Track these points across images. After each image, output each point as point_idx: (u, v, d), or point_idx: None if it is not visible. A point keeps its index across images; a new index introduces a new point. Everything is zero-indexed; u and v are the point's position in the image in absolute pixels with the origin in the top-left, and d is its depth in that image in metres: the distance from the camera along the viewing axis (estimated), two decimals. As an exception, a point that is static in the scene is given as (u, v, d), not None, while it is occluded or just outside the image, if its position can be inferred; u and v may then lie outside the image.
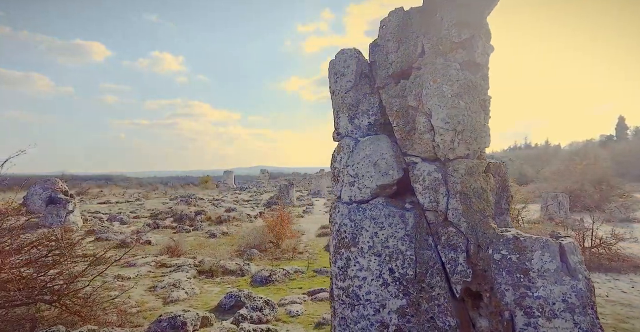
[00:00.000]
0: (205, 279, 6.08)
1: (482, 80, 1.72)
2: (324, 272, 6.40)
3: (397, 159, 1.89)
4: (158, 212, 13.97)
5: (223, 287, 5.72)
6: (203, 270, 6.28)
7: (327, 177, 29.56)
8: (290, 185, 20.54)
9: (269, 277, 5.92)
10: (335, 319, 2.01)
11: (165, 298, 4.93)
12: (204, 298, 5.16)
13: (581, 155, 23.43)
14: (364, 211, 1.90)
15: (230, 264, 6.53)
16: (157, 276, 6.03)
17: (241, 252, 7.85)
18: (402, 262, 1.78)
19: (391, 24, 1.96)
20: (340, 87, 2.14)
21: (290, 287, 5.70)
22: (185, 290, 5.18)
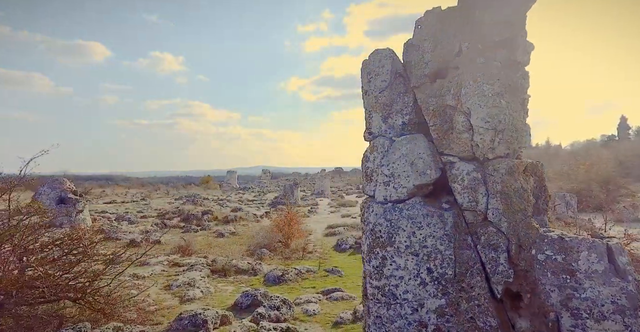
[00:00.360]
0: (219, 278, 6.08)
1: (523, 79, 1.71)
2: (335, 271, 6.39)
3: (434, 158, 1.88)
4: (165, 212, 14.00)
5: (237, 286, 5.72)
6: (216, 269, 6.28)
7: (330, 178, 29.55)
8: (294, 185, 20.53)
9: (282, 277, 5.92)
10: (369, 317, 2.00)
11: (181, 297, 4.94)
12: (219, 297, 5.16)
13: (584, 155, 23.35)
14: (400, 211, 1.89)
15: (242, 264, 6.53)
16: (171, 275, 6.03)
17: (252, 251, 7.85)
18: (440, 261, 1.76)
19: (427, 24, 1.94)
20: (374, 86, 2.13)
21: (304, 287, 5.70)
22: (200, 289, 5.18)
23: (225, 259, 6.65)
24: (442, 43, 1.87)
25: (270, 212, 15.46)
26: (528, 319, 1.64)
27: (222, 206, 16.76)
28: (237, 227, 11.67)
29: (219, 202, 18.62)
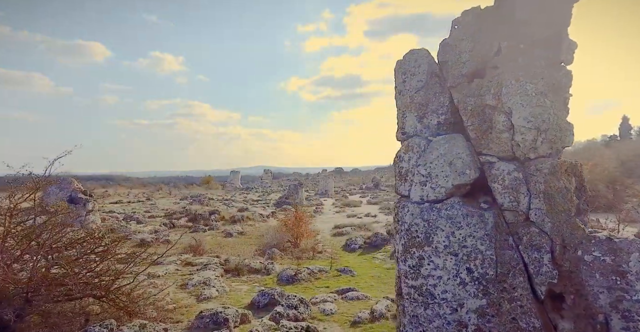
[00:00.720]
0: (232, 277, 6.07)
1: (566, 78, 1.69)
2: (347, 271, 6.37)
3: (473, 158, 1.86)
4: (172, 212, 14.02)
5: (251, 286, 5.71)
6: (229, 269, 6.27)
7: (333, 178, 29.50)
8: (299, 185, 20.53)
9: (295, 276, 5.90)
10: (404, 316, 1.98)
11: (197, 295, 4.93)
12: (234, 296, 5.15)
13: (586, 155, 23.16)
14: (438, 211, 1.87)
15: (255, 263, 6.52)
16: (185, 274, 6.03)
17: (262, 251, 7.83)
18: (481, 262, 1.74)
19: (464, 24, 1.93)
20: (410, 86, 2.11)
21: (317, 286, 5.68)
22: (215, 288, 5.17)
23: (238, 259, 6.65)
24: (481, 42, 1.85)
25: (277, 212, 15.46)
26: (572, 320, 1.62)
27: (228, 206, 16.77)
28: (245, 227, 11.67)
29: (224, 202, 18.63)
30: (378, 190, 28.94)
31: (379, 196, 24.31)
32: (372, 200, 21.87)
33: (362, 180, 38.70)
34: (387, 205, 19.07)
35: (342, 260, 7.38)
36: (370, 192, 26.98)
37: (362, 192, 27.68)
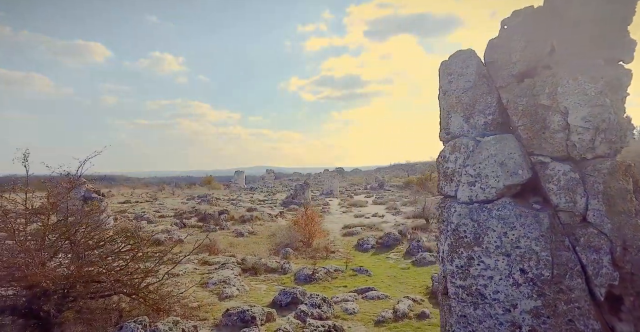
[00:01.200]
0: (250, 276, 6.06)
1: (626, 77, 1.66)
2: (363, 271, 6.34)
3: (525, 158, 1.84)
4: (182, 212, 14.04)
5: (269, 285, 5.70)
6: (246, 268, 6.27)
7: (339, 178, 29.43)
8: (305, 185, 20.51)
9: (312, 276, 5.89)
10: (451, 316, 1.96)
11: (219, 294, 4.93)
12: (254, 295, 5.14)
13: None
14: (489, 211, 1.85)
15: (271, 262, 6.52)
16: (203, 273, 6.03)
17: (277, 250, 7.82)
18: (536, 262, 1.72)
19: (515, 24, 1.91)
20: (457, 87, 2.09)
21: (335, 286, 5.66)
22: (236, 287, 5.17)
23: (254, 258, 6.64)
24: (533, 42, 1.83)
25: (285, 212, 15.45)
26: (631, 323, 1.59)
27: (236, 206, 16.79)
28: (254, 227, 11.67)
29: (232, 202, 18.65)
30: (383, 190, 28.86)
31: (384, 196, 24.24)
32: (378, 200, 21.81)
33: (365, 180, 38.55)
34: (393, 205, 19.00)
35: (356, 260, 7.35)
36: (375, 193, 26.91)
37: (367, 193, 27.61)
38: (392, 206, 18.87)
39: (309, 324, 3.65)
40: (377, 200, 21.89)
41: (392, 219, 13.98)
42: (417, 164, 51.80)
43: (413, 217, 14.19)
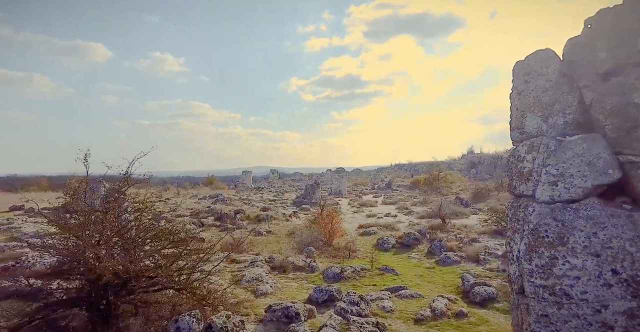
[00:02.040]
0: (279, 274, 6.09)
1: None
2: (390, 270, 6.32)
3: (614, 157, 1.82)
4: (198, 211, 14.14)
5: (299, 283, 5.72)
6: (275, 266, 6.30)
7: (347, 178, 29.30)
8: (316, 185, 20.50)
9: (341, 274, 5.89)
10: (529, 315, 1.95)
11: (253, 291, 4.96)
12: (287, 292, 5.16)
13: None
14: (576, 211, 1.83)
15: (298, 261, 6.54)
16: (233, 271, 6.07)
17: (300, 249, 7.83)
18: (630, 263, 1.70)
19: (600, 23, 1.89)
20: (535, 86, 2.09)
21: (365, 284, 5.65)
22: (269, 284, 5.20)
23: (281, 257, 6.67)
24: (620, 41, 1.81)
25: (298, 212, 15.47)
26: None
27: (249, 205, 16.85)
28: (271, 226, 11.70)
29: (244, 202, 18.72)
30: (390, 190, 28.75)
31: (393, 196, 24.15)
32: (387, 200, 21.74)
33: (370, 180, 38.36)
34: (404, 205, 18.92)
35: (379, 259, 7.33)
36: (383, 193, 26.83)
37: (374, 193, 27.53)
38: (403, 206, 18.79)
39: (353, 321, 3.65)
40: (386, 200, 21.83)
41: (405, 219, 13.92)
42: (420, 165, 51.27)
43: (427, 217, 14.12)
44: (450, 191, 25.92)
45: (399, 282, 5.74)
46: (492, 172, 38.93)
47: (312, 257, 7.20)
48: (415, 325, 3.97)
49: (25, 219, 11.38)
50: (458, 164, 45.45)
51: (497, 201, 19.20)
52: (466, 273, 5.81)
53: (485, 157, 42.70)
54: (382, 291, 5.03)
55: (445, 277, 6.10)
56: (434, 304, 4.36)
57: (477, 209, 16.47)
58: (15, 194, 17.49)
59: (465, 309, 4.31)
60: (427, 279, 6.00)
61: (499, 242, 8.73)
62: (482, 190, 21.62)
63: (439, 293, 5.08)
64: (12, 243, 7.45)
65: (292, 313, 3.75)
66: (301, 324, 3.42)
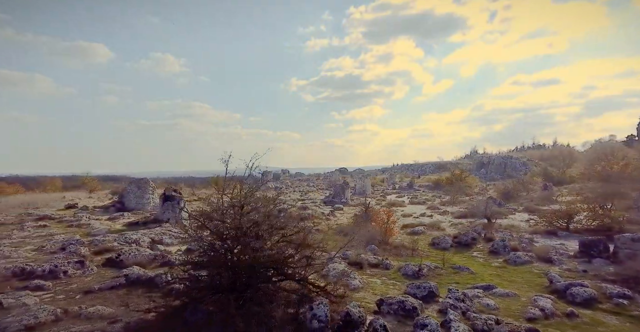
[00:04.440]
0: (357, 270, 6.12)
1: None
2: (464, 269, 6.25)
3: None
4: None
5: (380, 279, 5.74)
6: (351, 262, 6.34)
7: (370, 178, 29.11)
8: (345, 185, 20.50)
9: (419, 272, 5.87)
10: None
11: (345, 285, 5.00)
12: (376, 287, 5.19)
13: (608, 155, 21.85)
14: None
15: (371, 258, 6.56)
16: (313, 266, 6.15)
17: (363, 247, 7.85)
18: None
19: None
20: None
21: (447, 282, 5.60)
22: (357, 279, 5.24)
23: (353, 254, 6.71)
24: None
25: (335, 212, 15.51)
26: None
27: (285, 205, 17.04)
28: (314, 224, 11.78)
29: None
30: (413, 190, 28.33)
31: (418, 196, 23.77)
32: (414, 200, 21.43)
33: (386, 180, 37.72)
34: (433, 205, 18.60)
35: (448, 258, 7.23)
36: (406, 193, 26.47)
37: (397, 192, 27.21)
38: (432, 205, 18.48)
39: (473, 316, 3.63)
40: (412, 200, 21.51)
41: (443, 219, 13.68)
42: (427, 165, 49.73)
43: (465, 216, 13.82)
44: (472, 191, 25.24)
45: (479, 280, 5.65)
46: (502, 172, 37.36)
47: (378, 255, 7.20)
48: (530, 323, 3.89)
49: (89, 217, 12.00)
50: (466, 164, 43.80)
51: (530, 201, 18.58)
52: (549, 273, 5.66)
53: (495, 158, 41.19)
54: (474, 289, 4.96)
55: (523, 276, 5.96)
56: (540, 303, 4.26)
57: (513, 209, 15.98)
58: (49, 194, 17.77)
59: (575, 310, 4.19)
60: (506, 278, 5.88)
61: (559, 243, 8.43)
62: (511, 190, 20.96)
63: (529, 292, 4.97)
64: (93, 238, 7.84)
65: (409, 307, 3.77)
66: (428, 318, 3.43)
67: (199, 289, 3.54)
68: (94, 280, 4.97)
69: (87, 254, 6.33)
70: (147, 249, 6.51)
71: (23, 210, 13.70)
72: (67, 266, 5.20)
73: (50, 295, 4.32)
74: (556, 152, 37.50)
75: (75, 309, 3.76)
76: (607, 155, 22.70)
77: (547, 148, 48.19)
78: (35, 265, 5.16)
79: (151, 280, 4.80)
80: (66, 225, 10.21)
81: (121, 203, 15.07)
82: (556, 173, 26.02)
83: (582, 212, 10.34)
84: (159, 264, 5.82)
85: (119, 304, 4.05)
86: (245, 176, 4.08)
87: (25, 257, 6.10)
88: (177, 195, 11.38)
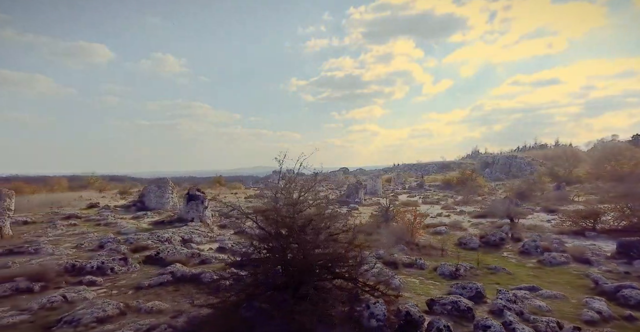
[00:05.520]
0: (392, 269, 6.05)
1: None
2: (500, 269, 6.12)
3: None
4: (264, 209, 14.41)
5: (418, 279, 5.65)
6: (386, 262, 6.28)
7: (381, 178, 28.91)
8: (359, 185, 20.41)
9: (456, 272, 5.76)
10: None
11: (387, 285, 4.95)
12: (417, 287, 5.12)
13: (615, 155, 21.21)
14: None
15: (404, 258, 6.48)
16: (349, 266, 6.11)
17: (392, 246, 7.77)
18: None
19: None
20: None
21: (486, 282, 5.48)
22: (397, 279, 5.17)
23: (387, 253, 6.64)
24: None
25: (351, 211, 15.43)
26: None
27: (300, 204, 16.99)
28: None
29: (292, 200, 18.89)
30: (423, 190, 28.05)
31: (429, 196, 23.52)
32: (427, 200, 21.21)
33: (393, 180, 37.36)
34: (447, 205, 18.37)
35: (470, 257, 7.10)
36: (417, 192, 26.22)
37: (408, 192, 26.98)
38: (447, 205, 18.26)
39: (533, 319, 3.53)
40: (425, 200, 21.30)
41: (461, 219, 13.48)
42: (430, 165, 49.05)
43: (482, 216, 13.59)
44: (483, 191, 24.87)
45: (518, 281, 5.52)
46: (507, 172, 36.64)
47: (409, 254, 7.12)
48: (588, 326, 3.77)
49: (114, 216, 12.18)
50: (469, 164, 43.10)
51: (546, 201, 18.20)
52: (590, 275, 5.50)
53: (500, 157, 40.45)
54: (520, 291, 4.84)
55: (563, 278, 5.80)
56: (593, 305, 4.13)
57: (531, 209, 15.67)
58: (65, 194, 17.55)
59: (634, 313, 4.04)
60: (545, 279, 5.73)
61: (589, 243, 8.21)
62: (525, 190, 20.58)
63: (575, 294, 4.83)
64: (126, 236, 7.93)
65: (464, 307, 3.69)
66: (489, 319, 3.35)
67: (254, 285, 3.54)
68: (139, 276, 5.02)
69: (126, 251, 6.42)
70: (183, 248, 6.56)
71: (48, 209, 14.02)
72: (113, 263, 5.26)
73: (104, 290, 4.38)
74: (560, 151, 36.85)
75: (134, 303, 3.80)
76: (615, 155, 22.14)
77: (549, 148, 47.32)
78: (83, 262, 5.24)
79: (196, 277, 4.82)
80: (94, 224, 10.39)
81: (141, 202, 15.27)
82: (563, 173, 25.55)
83: (609, 212, 10.06)
84: (198, 262, 5.85)
85: (170, 299, 4.08)
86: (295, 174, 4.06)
87: (67, 254, 6.21)
88: (200, 194, 11.45)
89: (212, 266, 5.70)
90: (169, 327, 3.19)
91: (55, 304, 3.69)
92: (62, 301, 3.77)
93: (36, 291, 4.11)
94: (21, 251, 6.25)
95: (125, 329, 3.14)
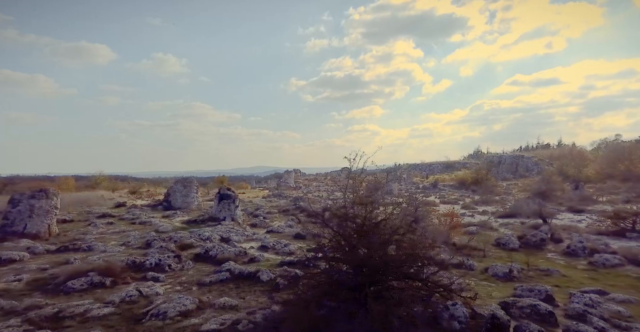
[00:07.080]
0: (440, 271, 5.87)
1: None
2: (553, 271, 5.85)
3: None
4: (285, 208, 14.41)
5: (472, 280, 5.43)
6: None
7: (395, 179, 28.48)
8: (379, 185, 20.17)
9: (510, 274, 5.53)
10: None
11: (447, 288, 4.77)
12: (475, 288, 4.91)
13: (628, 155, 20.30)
14: None
15: (452, 258, 6.27)
16: (397, 266, 5.95)
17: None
18: None
19: None
20: None
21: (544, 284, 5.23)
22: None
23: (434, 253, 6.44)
24: None
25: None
26: None
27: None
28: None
29: (312, 200, 18.82)
30: (437, 189, 27.57)
31: (446, 196, 23.09)
32: (444, 200, 20.81)
33: (403, 180, 36.79)
34: (466, 204, 17.96)
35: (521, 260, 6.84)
36: (432, 192, 25.78)
37: (422, 192, 26.53)
38: (467, 205, 17.85)
39: (626, 326, 3.30)
40: (442, 200, 20.90)
41: (485, 219, 13.10)
42: (435, 165, 47.98)
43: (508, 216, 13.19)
44: (500, 190, 24.25)
45: (577, 284, 5.25)
46: (514, 171, 35.55)
47: (451, 255, 6.90)
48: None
49: (146, 215, 12.32)
50: (473, 163, 41.97)
51: (570, 200, 17.58)
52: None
53: (507, 157, 39.36)
54: (588, 294, 4.58)
55: (623, 280, 5.49)
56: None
57: (556, 209, 15.14)
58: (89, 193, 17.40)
59: None
60: (604, 282, 5.43)
61: (636, 244, 7.82)
62: (546, 190, 19.96)
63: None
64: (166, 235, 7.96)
65: (544, 311, 3.49)
66: (579, 324, 3.15)
67: (328, 284, 3.45)
68: (196, 274, 4.98)
69: (175, 249, 6.43)
70: (229, 247, 6.53)
71: (80, 208, 14.30)
72: (168, 260, 5.25)
73: (168, 286, 4.36)
74: (565, 151, 35.75)
75: (205, 299, 3.77)
76: (628, 154, 21.28)
77: (553, 148, 45.91)
78: (142, 258, 5.25)
79: (253, 275, 4.76)
80: (129, 222, 10.50)
81: (167, 202, 15.42)
82: (572, 172, 24.74)
83: (650, 213, 9.57)
84: (247, 261, 5.80)
85: (236, 296, 4.03)
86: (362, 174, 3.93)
87: (119, 251, 6.26)
88: (232, 193, 11.46)
89: (262, 264, 5.64)
90: (250, 323, 3.13)
91: (133, 298, 3.74)
92: (139, 295, 3.79)
93: (108, 285, 4.14)
94: (75, 248, 6.33)
95: (211, 323, 3.10)
